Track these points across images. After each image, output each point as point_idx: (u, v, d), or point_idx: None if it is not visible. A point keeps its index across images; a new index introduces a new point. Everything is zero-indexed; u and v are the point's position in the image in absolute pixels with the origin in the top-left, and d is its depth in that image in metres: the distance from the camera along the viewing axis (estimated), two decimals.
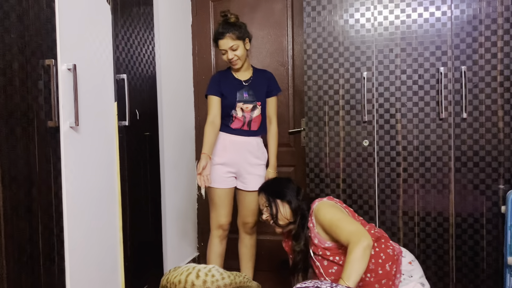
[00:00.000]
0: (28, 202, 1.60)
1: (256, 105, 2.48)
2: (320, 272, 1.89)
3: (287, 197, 1.98)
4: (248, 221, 2.54)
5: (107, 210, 2.06)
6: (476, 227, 2.24)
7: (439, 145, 2.27)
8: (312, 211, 1.92)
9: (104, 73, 2.05)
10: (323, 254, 1.87)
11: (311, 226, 1.91)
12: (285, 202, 1.98)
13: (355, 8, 2.36)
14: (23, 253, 1.57)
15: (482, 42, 2.21)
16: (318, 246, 1.88)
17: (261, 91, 2.50)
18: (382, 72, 2.33)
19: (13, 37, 1.53)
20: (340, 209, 1.90)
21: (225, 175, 2.47)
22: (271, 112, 2.55)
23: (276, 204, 1.98)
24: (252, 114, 2.47)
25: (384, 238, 1.90)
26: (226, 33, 2.38)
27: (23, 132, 1.57)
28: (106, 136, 2.06)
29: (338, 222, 1.79)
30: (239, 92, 2.46)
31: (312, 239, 1.90)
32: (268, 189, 2.06)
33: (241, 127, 2.47)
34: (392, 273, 1.81)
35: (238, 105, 2.45)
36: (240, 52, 2.41)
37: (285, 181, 2.08)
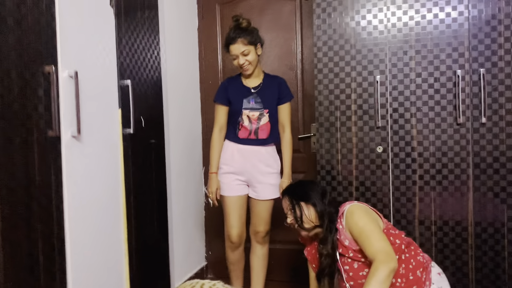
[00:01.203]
0: (28, 216, 1.52)
1: (263, 113, 2.40)
2: (349, 276, 1.80)
3: (311, 199, 1.90)
4: (259, 230, 2.48)
5: (111, 222, 1.98)
6: (497, 237, 2.14)
7: (457, 151, 2.17)
8: (343, 214, 1.84)
9: (108, 79, 1.98)
10: (354, 256, 1.79)
11: (340, 228, 1.83)
12: (309, 205, 1.90)
13: (367, 9, 2.27)
14: (22, 270, 1.49)
15: (501, 43, 2.11)
16: (349, 248, 1.80)
17: (270, 99, 2.42)
18: (396, 76, 2.23)
19: (10, 43, 1.46)
20: (373, 217, 1.81)
21: (234, 183, 2.43)
22: (284, 120, 2.45)
23: (300, 207, 1.90)
24: (259, 122, 2.40)
25: (413, 245, 1.84)
26: (237, 38, 2.32)
27: (22, 143, 1.50)
28: (110, 144, 1.98)
29: (370, 233, 1.71)
30: (246, 99, 2.41)
31: (342, 241, 1.82)
32: (291, 192, 1.99)
33: (248, 136, 2.41)
34: (422, 280, 1.75)
35: (244, 113, 2.40)
36: (251, 57, 2.35)
37: (310, 184, 2.01)
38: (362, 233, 1.73)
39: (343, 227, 1.83)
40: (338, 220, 1.86)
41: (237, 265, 2.54)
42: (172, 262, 2.64)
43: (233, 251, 2.50)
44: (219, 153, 2.45)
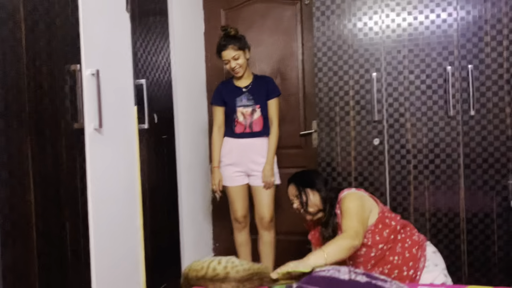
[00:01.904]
0: (57, 200, 1.69)
1: (255, 108, 2.68)
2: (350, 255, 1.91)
3: (317, 185, 2.05)
4: (264, 216, 2.69)
5: (129, 210, 2.15)
6: (487, 222, 2.29)
7: (448, 142, 2.33)
8: (340, 199, 1.98)
9: (125, 78, 2.15)
10: None
11: (338, 212, 1.98)
12: (315, 190, 2.04)
13: (363, 12, 2.44)
14: (53, 249, 1.66)
15: (488, 42, 2.28)
16: None
17: (260, 95, 2.70)
18: (390, 73, 2.40)
19: (42, 44, 1.63)
20: (364, 203, 1.95)
21: (234, 174, 2.70)
22: (271, 114, 2.71)
23: (306, 193, 2.05)
24: (253, 117, 2.68)
25: (409, 226, 2.00)
26: (228, 44, 2.60)
27: (51, 133, 1.67)
28: (128, 138, 2.15)
29: (351, 214, 1.86)
30: (239, 98, 2.69)
31: (340, 225, 1.95)
32: (297, 179, 2.12)
33: (244, 130, 2.69)
34: (417, 257, 1.90)
35: (239, 110, 2.67)
36: (241, 61, 2.63)
37: (313, 172, 2.20)
38: (345, 212, 1.87)
39: (341, 211, 1.96)
40: (337, 205, 2.00)
41: (244, 247, 2.76)
42: (183, 252, 2.79)
43: (240, 231, 2.75)
44: (219, 149, 2.72)
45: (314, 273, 1.36)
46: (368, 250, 1.91)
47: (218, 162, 2.71)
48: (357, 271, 1.32)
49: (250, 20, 3.20)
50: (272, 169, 2.65)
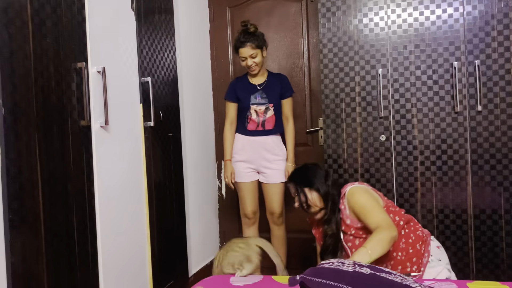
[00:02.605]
0: (65, 196, 1.70)
1: (269, 106, 2.69)
2: (352, 252, 1.92)
3: (315, 185, 2.01)
4: (274, 211, 2.73)
5: (135, 207, 2.16)
6: (495, 218, 2.28)
7: (455, 138, 2.32)
8: (344, 195, 1.97)
9: (130, 76, 2.16)
10: (355, 234, 1.92)
11: (342, 208, 1.96)
12: (313, 190, 2.01)
13: (369, 8, 2.43)
14: (61, 244, 1.67)
15: (494, 36, 2.26)
16: (351, 226, 1.93)
17: (274, 94, 2.70)
18: (396, 69, 2.39)
19: (49, 42, 1.65)
20: (373, 194, 1.96)
21: (245, 170, 2.73)
22: (287, 113, 2.75)
23: (304, 193, 2.02)
24: (266, 115, 2.68)
25: (413, 221, 1.99)
26: (247, 42, 2.58)
27: (58, 130, 1.68)
28: (133, 135, 2.16)
29: (371, 208, 1.85)
30: (253, 95, 2.70)
31: (344, 220, 1.95)
32: (295, 178, 2.10)
33: (256, 128, 2.70)
34: (421, 252, 1.89)
35: (252, 107, 2.68)
36: (258, 59, 2.62)
37: (313, 168, 2.10)
38: (364, 209, 1.86)
39: (345, 207, 1.96)
40: (340, 201, 1.99)
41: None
42: (189, 250, 2.80)
43: (249, 227, 2.79)
44: (232, 144, 2.75)
45: (318, 265, 1.36)
46: None
47: (230, 156, 2.74)
48: (362, 263, 1.32)
49: (255, 18, 3.20)
50: (294, 166, 2.65)
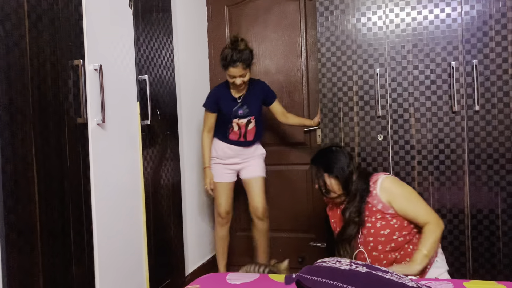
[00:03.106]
0: (61, 194, 1.70)
1: (250, 119, 2.74)
2: (370, 233, 1.91)
3: (334, 172, 1.96)
4: (258, 206, 2.79)
5: (132, 205, 2.15)
6: (492, 218, 2.28)
7: (453, 138, 2.32)
8: (377, 182, 1.93)
9: (128, 74, 2.15)
10: (381, 218, 1.90)
11: (374, 193, 1.92)
12: (332, 177, 1.96)
13: (367, 7, 2.43)
14: (56, 242, 1.66)
15: (492, 36, 2.26)
16: (379, 211, 1.90)
17: (255, 105, 2.75)
18: (394, 68, 2.39)
19: (45, 39, 1.64)
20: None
21: (224, 171, 2.82)
22: (281, 111, 2.88)
23: (323, 178, 1.98)
24: (247, 128, 2.74)
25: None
26: (238, 62, 2.55)
27: (55, 128, 1.67)
28: (130, 134, 2.15)
29: (418, 201, 1.94)
30: (235, 109, 2.71)
31: (375, 205, 1.91)
32: (317, 161, 2.04)
33: (238, 138, 2.77)
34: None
35: (234, 121, 2.73)
36: (247, 78, 2.65)
37: (336, 153, 2.02)
38: (411, 200, 1.92)
39: (377, 192, 1.92)
40: (372, 185, 1.93)
41: (223, 240, 2.93)
42: (186, 246, 2.80)
43: (222, 226, 2.89)
44: (210, 151, 2.81)
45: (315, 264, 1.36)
46: (391, 231, 1.90)
47: (209, 163, 2.80)
48: (358, 262, 1.32)
49: (253, 16, 3.19)
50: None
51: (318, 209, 3.05)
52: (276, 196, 3.20)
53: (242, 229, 3.26)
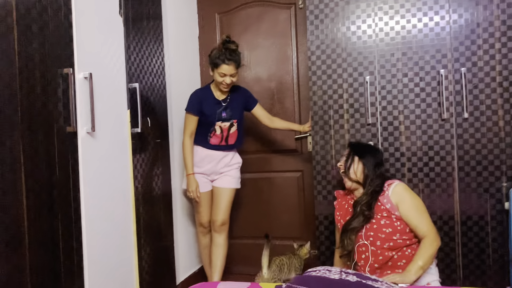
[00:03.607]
0: (50, 203, 1.68)
1: (233, 123, 2.73)
2: (372, 228, 2.01)
3: (365, 158, 2.13)
4: (216, 219, 2.77)
5: (122, 215, 2.14)
6: (481, 224, 2.29)
7: (442, 145, 2.34)
8: (391, 185, 2.06)
9: (118, 82, 2.15)
10: (387, 216, 2.01)
11: (386, 193, 2.04)
12: (361, 162, 2.13)
13: (357, 15, 2.45)
14: (45, 252, 1.64)
15: (480, 45, 2.29)
16: (386, 210, 2.02)
17: (238, 110, 2.75)
18: (384, 76, 2.41)
19: (35, 47, 1.63)
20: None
21: (204, 180, 2.77)
22: (265, 115, 2.87)
23: (353, 159, 2.14)
24: (230, 131, 2.72)
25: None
26: (232, 60, 2.58)
27: (44, 137, 1.66)
28: (120, 142, 2.14)
29: (423, 212, 2.02)
30: (218, 111, 2.69)
31: (384, 204, 2.03)
32: (356, 144, 2.25)
33: (220, 142, 2.74)
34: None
35: (217, 124, 2.69)
36: (235, 78, 2.66)
37: (374, 149, 2.24)
38: (418, 209, 2.01)
39: (389, 194, 2.04)
40: (385, 185, 2.06)
41: (207, 248, 2.90)
42: (177, 256, 2.78)
43: (204, 235, 2.89)
44: (192, 157, 2.70)
45: (305, 273, 1.36)
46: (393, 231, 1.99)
47: (193, 169, 2.70)
48: (348, 271, 1.32)
49: (245, 24, 3.21)
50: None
51: (310, 216, 3.05)
52: (267, 203, 3.20)
53: (236, 237, 3.26)
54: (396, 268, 1.98)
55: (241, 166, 3.27)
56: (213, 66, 2.62)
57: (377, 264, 1.99)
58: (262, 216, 3.23)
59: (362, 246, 2.02)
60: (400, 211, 2.01)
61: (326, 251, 2.51)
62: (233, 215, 3.19)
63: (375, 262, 1.99)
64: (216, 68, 2.60)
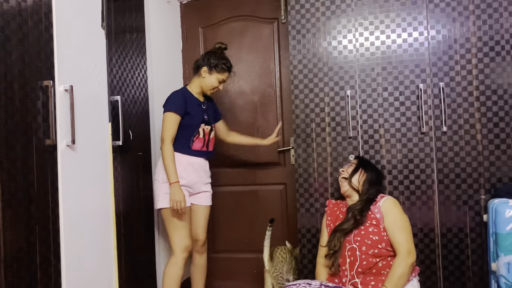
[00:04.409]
0: (27, 218, 1.65)
1: (212, 127, 2.67)
2: (360, 233, 2.07)
3: (369, 172, 2.21)
4: (200, 238, 2.65)
5: (102, 229, 2.11)
6: (461, 236, 2.32)
7: (422, 158, 2.37)
8: (383, 197, 2.14)
9: (99, 95, 2.13)
10: (375, 224, 2.07)
11: (378, 204, 2.11)
12: (364, 173, 2.20)
13: (338, 31, 2.49)
14: (21, 268, 1.61)
15: (457, 60, 2.34)
16: (375, 219, 2.08)
17: (212, 116, 2.69)
18: (364, 90, 2.44)
19: (14, 59, 1.61)
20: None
21: (186, 193, 2.48)
22: (226, 130, 2.83)
23: (358, 170, 2.21)
24: (210, 136, 2.64)
25: None
26: (232, 68, 2.62)
27: (22, 150, 1.64)
28: (101, 155, 2.12)
29: (405, 228, 2.06)
30: (202, 113, 2.59)
31: (374, 213, 2.09)
32: (363, 158, 2.33)
33: (202, 148, 2.57)
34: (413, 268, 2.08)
35: (202, 126, 2.56)
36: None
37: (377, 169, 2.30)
38: (399, 225, 2.05)
39: (380, 204, 2.11)
40: (378, 197, 2.15)
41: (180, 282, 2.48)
42: (159, 270, 2.74)
43: (185, 263, 2.46)
44: (174, 162, 2.39)
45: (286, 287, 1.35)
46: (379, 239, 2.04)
47: (177, 176, 2.38)
48: (329, 284, 1.32)
49: (228, 38, 3.23)
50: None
51: (293, 229, 3.05)
52: (250, 216, 3.19)
53: (218, 251, 3.23)
54: (380, 275, 2.02)
55: (225, 179, 3.27)
56: (214, 69, 2.53)
57: (361, 269, 2.03)
58: (245, 230, 3.21)
59: (349, 250, 2.07)
60: (385, 223, 2.06)
61: (308, 264, 2.51)
62: (216, 229, 3.17)
63: (359, 266, 2.03)
64: (218, 73, 2.54)
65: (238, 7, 3.23)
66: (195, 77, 2.63)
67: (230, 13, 3.24)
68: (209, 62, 2.54)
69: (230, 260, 3.23)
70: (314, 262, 2.46)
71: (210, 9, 3.28)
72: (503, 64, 2.29)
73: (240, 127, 3.18)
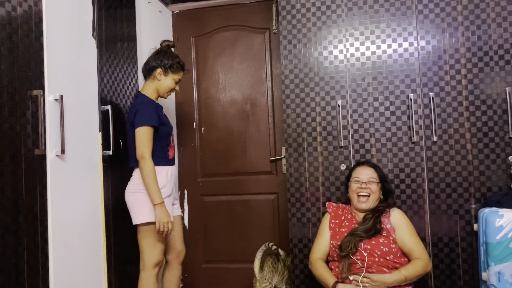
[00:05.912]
0: (15, 228, 1.63)
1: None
2: (370, 242, 2.09)
3: (383, 183, 2.26)
4: (182, 248, 2.54)
5: (92, 240, 2.09)
6: (452, 246, 2.33)
7: (413, 167, 2.38)
8: (391, 210, 2.21)
9: (89, 104, 2.12)
10: (387, 236, 2.11)
11: (388, 215, 2.18)
12: (380, 184, 2.24)
13: (328, 41, 2.51)
14: (8, 280, 1.58)
15: (447, 70, 2.37)
16: (386, 229, 2.13)
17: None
18: (355, 100, 2.46)
19: (3, 69, 1.60)
20: None
21: (169, 205, 2.32)
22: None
23: (377, 180, 2.23)
24: (174, 142, 2.59)
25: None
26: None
27: (10, 160, 1.62)
28: (91, 164, 2.11)
29: (418, 239, 2.15)
30: (167, 118, 2.46)
31: (385, 223, 2.15)
32: (379, 168, 2.31)
33: (173, 156, 2.47)
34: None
35: (172, 134, 2.48)
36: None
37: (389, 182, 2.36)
38: (413, 234, 2.15)
39: (390, 215, 2.18)
40: (388, 210, 2.20)
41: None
42: None
43: (156, 279, 2.33)
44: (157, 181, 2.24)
45: None
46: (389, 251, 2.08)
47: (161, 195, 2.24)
48: None
49: (220, 48, 3.24)
50: None
51: (285, 239, 3.04)
52: (242, 226, 3.18)
53: (210, 261, 3.21)
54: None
55: (216, 188, 3.26)
56: (169, 70, 2.38)
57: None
58: (236, 239, 3.19)
59: (359, 258, 2.08)
60: (397, 234, 2.12)
61: (300, 274, 2.50)
62: (207, 238, 3.15)
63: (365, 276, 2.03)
64: (174, 73, 2.39)
65: (230, 16, 3.24)
66: (149, 81, 2.40)
67: (222, 22, 3.26)
68: (163, 63, 2.37)
69: (222, 270, 3.20)
70: (306, 272, 2.46)
71: (202, 19, 3.29)
72: (492, 74, 2.32)
73: (232, 136, 3.18)
